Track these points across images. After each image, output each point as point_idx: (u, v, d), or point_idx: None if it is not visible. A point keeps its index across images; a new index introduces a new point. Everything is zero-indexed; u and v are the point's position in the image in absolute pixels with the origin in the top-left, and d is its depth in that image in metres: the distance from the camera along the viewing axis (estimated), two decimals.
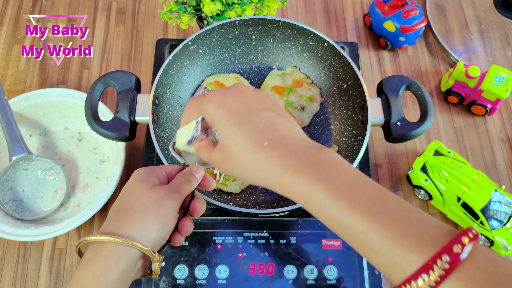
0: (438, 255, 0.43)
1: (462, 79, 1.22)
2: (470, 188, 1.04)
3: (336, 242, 1.02)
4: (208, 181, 0.73)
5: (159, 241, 0.64)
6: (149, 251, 0.61)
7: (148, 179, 0.67)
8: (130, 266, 0.61)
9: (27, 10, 1.40)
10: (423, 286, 0.43)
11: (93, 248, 0.60)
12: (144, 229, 0.61)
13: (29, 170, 1.11)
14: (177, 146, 0.73)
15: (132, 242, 0.59)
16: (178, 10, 1.16)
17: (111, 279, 0.58)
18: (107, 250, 0.59)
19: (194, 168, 0.71)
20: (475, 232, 0.45)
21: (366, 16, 1.39)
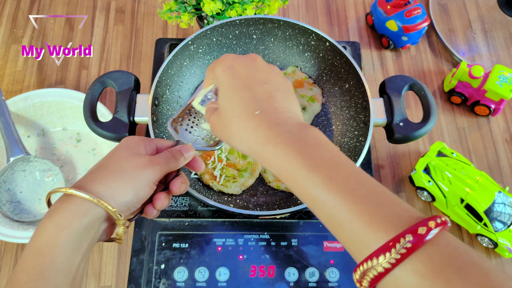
0: (402, 235, 0.45)
1: (466, 79, 1.22)
2: (473, 190, 1.04)
3: (338, 244, 1.02)
4: (197, 163, 0.74)
5: (129, 206, 0.63)
6: (115, 212, 0.61)
7: (133, 146, 0.68)
8: (94, 224, 0.61)
9: (25, 9, 1.40)
10: (383, 262, 0.45)
11: (60, 200, 0.61)
12: (114, 190, 0.61)
13: (27, 171, 1.11)
14: (193, 104, 0.74)
15: (98, 200, 0.59)
16: (178, 9, 1.16)
17: (73, 232, 0.58)
18: (73, 203, 0.59)
19: (184, 147, 0.72)
20: (444, 219, 0.47)
21: (368, 15, 1.39)
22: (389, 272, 0.45)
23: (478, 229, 1.06)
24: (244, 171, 1.03)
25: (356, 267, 0.49)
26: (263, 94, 0.60)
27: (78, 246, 0.59)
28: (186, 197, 1.05)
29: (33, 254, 0.56)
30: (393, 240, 0.45)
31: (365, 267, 0.47)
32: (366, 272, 0.47)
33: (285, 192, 1.05)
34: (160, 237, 1.01)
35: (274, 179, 1.05)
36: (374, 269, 0.46)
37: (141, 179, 0.64)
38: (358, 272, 0.48)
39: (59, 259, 0.56)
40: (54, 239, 0.57)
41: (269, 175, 1.05)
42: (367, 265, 0.46)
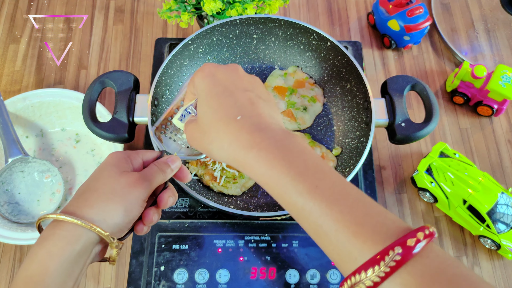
0: (391, 247, 0.44)
1: (468, 79, 1.22)
2: (476, 191, 1.04)
3: None
4: (183, 173, 0.73)
5: (121, 228, 0.63)
6: (108, 236, 0.61)
7: (119, 164, 0.67)
8: (86, 249, 0.60)
9: (23, 8, 1.41)
10: (371, 276, 0.44)
11: (51, 226, 0.60)
12: (105, 213, 0.61)
13: (26, 172, 1.11)
14: (173, 120, 0.72)
15: (91, 225, 0.59)
16: (177, 9, 1.16)
17: (66, 258, 0.57)
18: (64, 229, 0.59)
19: (170, 158, 0.71)
20: (431, 230, 0.46)
21: (370, 14, 1.39)
22: (377, 286, 0.44)
23: (480, 230, 1.06)
24: None
25: (343, 280, 0.47)
26: (244, 101, 0.60)
27: (70, 272, 0.58)
28: (186, 198, 1.05)
29: (24, 283, 0.56)
30: (381, 253, 0.44)
31: (352, 281, 0.46)
32: (354, 286, 0.46)
33: None
34: (160, 239, 1.01)
35: None
36: (362, 283, 0.45)
37: (132, 199, 0.63)
38: (346, 286, 0.47)
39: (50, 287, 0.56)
40: (45, 267, 0.56)
41: None
42: (355, 279, 0.45)
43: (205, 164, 1.04)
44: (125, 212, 0.63)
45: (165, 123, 0.77)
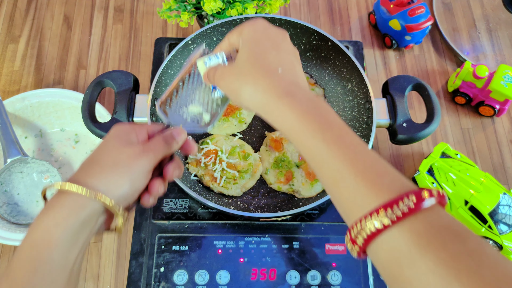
0: (406, 195, 0.47)
1: (470, 79, 1.22)
2: (478, 191, 1.04)
3: (340, 246, 1.02)
4: (189, 145, 0.74)
5: (126, 198, 0.64)
6: (113, 206, 0.61)
7: (123, 136, 0.68)
8: (91, 218, 0.61)
9: (22, 8, 1.41)
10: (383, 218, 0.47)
11: (57, 195, 0.61)
12: (110, 183, 0.62)
13: (25, 173, 1.11)
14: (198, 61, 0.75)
15: (95, 194, 0.60)
16: (177, 8, 1.16)
17: (70, 227, 0.58)
18: (69, 198, 0.60)
19: (176, 130, 0.72)
20: (442, 194, 0.49)
21: (371, 14, 1.39)
22: (386, 230, 0.47)
23: (482, 231, 1.06)
24: (245, 172, 1.04)
25: (351, 225, 0.51)
26: (287, 60, 0.66)
27: (74, 241, 0.59)
28: (186, 199, 1.05)
29: (29, 249, 0.57)
30: (396, 199, 0.47)
31: (362, 225, 0.49)
32: (362, 229, 0.49)
33: (286, 194, 1.05)
34: (160, 240, 1.01)
35: (275, 181, 1.05)
36: (372, 226, 0.48)
37: (136, 169, 0.64)
38: (354, 231, 0.50)
39: (54, 254, 0.57)
40: (49, 235, 0.57)
41: (270, 176, 1.05)
42: (364, 223, 0.48)
43: (205, 165, 1.04)
44: (130, 182, 0.63)
45: (170, 96, 0.78)
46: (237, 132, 1.11)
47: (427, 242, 0.45)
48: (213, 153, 1.05)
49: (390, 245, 0.47)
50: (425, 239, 0.45)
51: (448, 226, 0.46)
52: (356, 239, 0.50)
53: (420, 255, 0.44)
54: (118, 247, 1.09)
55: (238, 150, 1.06)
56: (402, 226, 0.46)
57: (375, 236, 0.48)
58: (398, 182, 0.50)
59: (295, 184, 1.03)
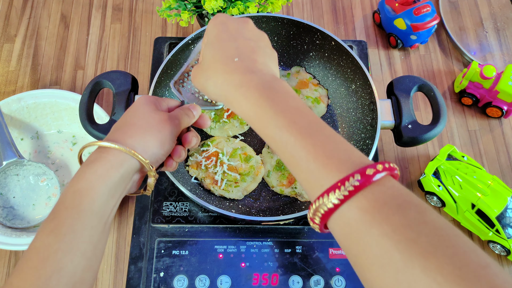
0: (352, 174, 0.51)
1: (477, 79, 1.22)
2: (485, 195, 1.05)
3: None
4: (204, 119, 0.82)
5: (157, 158, 0.72)
6: (148, 163, 0.69)
7: (151, 104, 0.76)
8: (128, 174, 0.69)
9: (18, 6, 1.41)
10: (332, 199, 0.51)
11: (97, 151, 0.68)
12: (144, 143, 0.70)
13: (21, 176, 1.11)
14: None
15: (134, 152, 0.67)
16: (177, 7, 1.16)
17: (111, 180, 0.65)
18: (110, 154, 0.67)
19: (192, 105, 0.81)
20: (392, 166, 0.53)
21: (376, 13, 1.40)
22: (337, 208, 0.51)
23: (490, 235, 1.06)
24: (247, 175, 1.04)
25: (309, 205, 0.55)
26: (245, 47, 0.69)
27: (113, 193, 0.67)
28: (186, 203, 1.06)
29: (73, 196, 0.64)
30: (343, 180, 0.51)
31: (317, 204, 0.53)
32: (318, 208, 0.53)
33: (289, 197, 1.05)
34: (159, 244, 1.02)
35: (277, 184, 1.05)
36: (324, 205, 0.52)
37: (166, 133, 0.72)
38: (311, 210, 0.54)
39: (96, 203, 0.64)
40: (92, 185, 0.64)
41: (272, 179, 1.06)
42: (319, 202, 0.52)
43: (205, 167, 1.04)
44: (161, 144, 0.72)
45: (182, 77, 0.85)
46: (238, 134, 1.11)
47: (371, 216, 0.49)
48: (213, 156, 1.05)
49: (342, 221, 0.51)
50: (370, 213, 0.49)
51: (392, 199, 0.50)
52: (314, 218, 0.54)
53: (366, 229, 0.49)
54: (116, 251, 1.10)
55: (239, 152, 1.06)
56: (350, 202, 0.50)
57: (330, 214, 0.52)
58: (348, 161, 0.53)
59: (297, 187, 1.04)
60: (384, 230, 0.47)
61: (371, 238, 0.48)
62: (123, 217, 1.13)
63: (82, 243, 0.62)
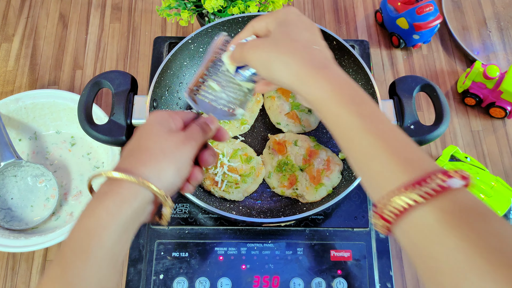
0: (436, 173, 0.50)
1: (480, 79, 1.22)
2: (488, 196, 1.05)
3: (345, 253, 1.02)
4: (222, 133, 0.77)
5: (173, 186, 0.67)
6: (163, 195, 0.64)
7: (165, 123, 0.70)
8: (142, 207, 0.63)
9: (16, 6, 1.41)
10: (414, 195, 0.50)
11: (108, 183, 0.63)
12: (159, 172, 0.64)
13: (19, 177, 1.11)
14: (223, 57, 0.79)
15: (148, 183, 0.62)
16: (177, 6, 1.16)
17: (123, 216, 0.61)
18: (122, 187, 0.62)
19: (209, 119, 0.75)
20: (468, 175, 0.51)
21: (378, 12, 1.40)
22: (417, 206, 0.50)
23: None
24: (247, 176, 1.04)
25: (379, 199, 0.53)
26: (320, 42, 0.70)
27: (125, 229, 0.62)
28: (186, 204, 1.06)
29: (82, 234, 0.60)
30: (425, 176, 0.50)
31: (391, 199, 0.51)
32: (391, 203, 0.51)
33: (290, 198, 1.05)
34: (159, 246, 1.02)
35: (279, 185, 1.05)
36: (402, 201, 0.50)
37: (182, 157, 0.67)
38: (382, 203, 0.53)
39: (106, 242, 0.59)
40: (103, 223, 0.60)
41: (273, 180, 1.06)
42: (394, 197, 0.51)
43: (206, 169, 1.04)
44: (177, 171, 0.66)
45: (197, 84, 0.80)
46: (239, 135, 1.11)
47: (454, 220, 0.47)
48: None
49: (420, 221, 0.50)
50: (453, 217, 0.48)
51: (474, 206, 0.49)
52: (382, 213, 0.52)
53: (448, 232, 0.47)
54: None
55: (240, 153, 1.06)
56: (433, 204, 0.49)
57: (406, 212, 0.50)
58: (427, 161, 0.53)
59: (299, 188, 1.04)
60: (468, 235, 0.46)
61: (452, 242, 0.47)
62: None
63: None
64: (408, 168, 0.53)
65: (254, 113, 1.12)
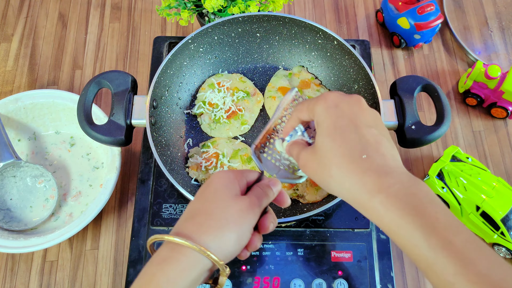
0: None
1: (482, 79, 1.22)
2: (490, 197, 1.05)
3: (346, 254, 1.02)
4: (283, 197, 0.73)
5: (232, 255, 0.64)
6: (223, 265, 0.62)
7: (231, 186, 0.67)
8: (200, 276, 0.62)
9: (15, 5, 1.42)
10: None
11: (169, 248, 0.61)
12: (221, 240, 0.62)
13: (18, 177, 1.11)
14: (276, 143, 0.76)
15: (209, 253, 0.60)
16: (177, 6, 1.16)
17: (182, 285, 0.59)
18: (183, 254, 0.60)
19: (272, 181, 0.71)
20: None
21: (379, 12, 1.40)
22: None
23: (494, 238, 1.06)
24: None
25: None
26: (369, 138, 0.61)
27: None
28: (186, 205, 1.05)
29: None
30: None
31: None
32: None
33: (290, 199, 1.05)
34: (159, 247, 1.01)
35: None
36: None
37: (245, 226, 0.64)
38: None
39: None
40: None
41: None
42: None
43: (206, 169, 1.04)
44: (238, 239, 0.63)
45: (263, 141, 0.78)
46: (239, 135, 1.11)
47: None
48: (213, 157, 1.05)
49: None
50: None
51: None
52: None
53: None
54: (115, 255, 1.10)
55: (241, 154, 1.06)
56: None
57: None
58: None
59: (299, 189, 1.04)
60: None
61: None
62: (122, 219, 1.13)
63: None
64: None
65: (254, 114, 1.12)
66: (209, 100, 1.11)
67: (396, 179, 0.57)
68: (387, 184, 0.56)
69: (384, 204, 0.55)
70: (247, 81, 1.16)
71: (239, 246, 0.64)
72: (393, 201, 0.55)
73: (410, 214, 0.54)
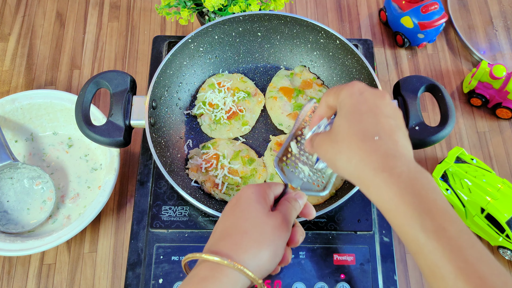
0: None
1: (486, 79, 1.22)
2: (495, 198, 1.05)
3: (349, 257, 1.02)
4: (309, 209, 0.75)
5: (268, 272, 0.65)
6: (261, 283, 0.63)
7: (262, 201, 0.68)
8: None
9: (12, 4, 1.42)
10: None
11: (208, 267, 0.62)
12: (258, 258, 0.63)
13: (15, 179, 1.11)
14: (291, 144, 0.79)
15: (249, 272, 0.61)
16: (177, 5, 1.16)
17: None
18: (223, 273, 0.61)
19: (298, 194, 0.73)
20: None
21: (382, 11, 1.40)
22: None
23: (500, 241, 1.06)
24: (248, 178, 1.04)
25: None
26: (385, 125, 0.63)
27: None
28: (186, 207, 1.05)
29: None
30: None
31: None
32: None
33: None
34: (158, 250, 1.02)
35: None
36: None
37: (279, 243, 0.66)
38: None
39: None
40: None
41: None
42: None
43: (206, 170, 1.04)
44: (273, 257, 0.65)
45: (286, 153, 0.80)
46: (240, 136, 1.11)
47: None
48: (214, 158, 1.05)
49: None
50: None
51: None
52: None
53: None
54: (114, 258, 1.10)
55: (242, 155, 1.06)
56: None
57: None
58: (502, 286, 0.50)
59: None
60: None
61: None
62: (120, 222, 1.13)
63: None
64: None
65: (255, 114, 1.12)
66: (210, 100, 1.11)
67: (403, 163, 0.59)
68: (393, 165, 0.58)
69: (386, 182, 0.58)
70: (248, 81, 1.16)
71: (275, 263, 0.65)
72: (396, 180, 0.57)
73: (410, 194, 0.56)
